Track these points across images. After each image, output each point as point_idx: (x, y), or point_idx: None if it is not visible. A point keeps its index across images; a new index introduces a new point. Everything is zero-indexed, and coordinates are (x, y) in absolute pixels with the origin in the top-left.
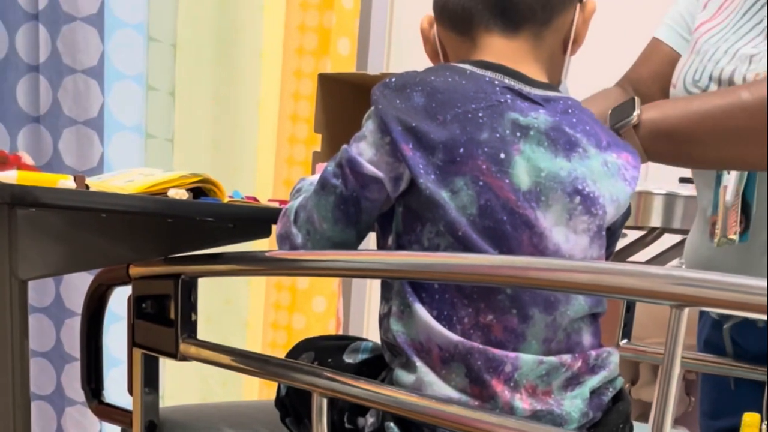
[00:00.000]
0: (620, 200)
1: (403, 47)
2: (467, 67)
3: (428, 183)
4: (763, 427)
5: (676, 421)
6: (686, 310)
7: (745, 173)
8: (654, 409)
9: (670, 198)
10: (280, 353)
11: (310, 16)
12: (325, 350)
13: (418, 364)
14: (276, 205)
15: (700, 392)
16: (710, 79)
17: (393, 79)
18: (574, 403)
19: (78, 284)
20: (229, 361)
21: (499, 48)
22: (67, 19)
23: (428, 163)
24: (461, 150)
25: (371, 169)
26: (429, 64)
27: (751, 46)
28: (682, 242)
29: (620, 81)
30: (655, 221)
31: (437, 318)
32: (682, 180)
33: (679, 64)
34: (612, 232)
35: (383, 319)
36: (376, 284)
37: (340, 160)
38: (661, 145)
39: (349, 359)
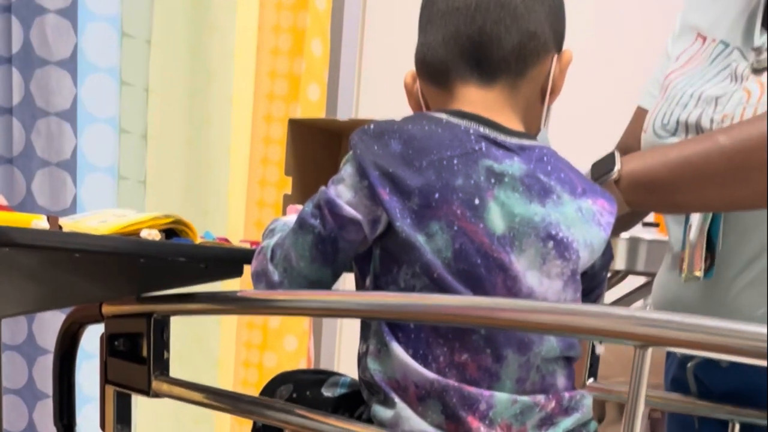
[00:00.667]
0: (594, 245)
1: (372, 93)
2: (443, 116)
3: (404, 226)
4: None
5: None
6: (650, 350)
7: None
8: None
9: (634, 241)
10: (252, 391)
11: (281, 63)
12: (303, 384)
13: (396, 400)
14: (248, 245)
15: (666, 430)
16: (678, 122)
17: (371, 126)
18: None
19: (51, 322)
20: (201, 398)
21: (475, 98)
22: (40, 62)
23: (404, 207)
24: (436, 195)
25: (350, 210)
26: (397, 108)
27: (716, 88)
28: (645, 284)
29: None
30: (620, 264)
31: (413, 356)
32: (646, 224)
33: (650, 110)
34: (593, 276)
35: (361, 358)
36: (346, 324)
37: (319, 201)
38: (643, 196)
39: (327, 393)
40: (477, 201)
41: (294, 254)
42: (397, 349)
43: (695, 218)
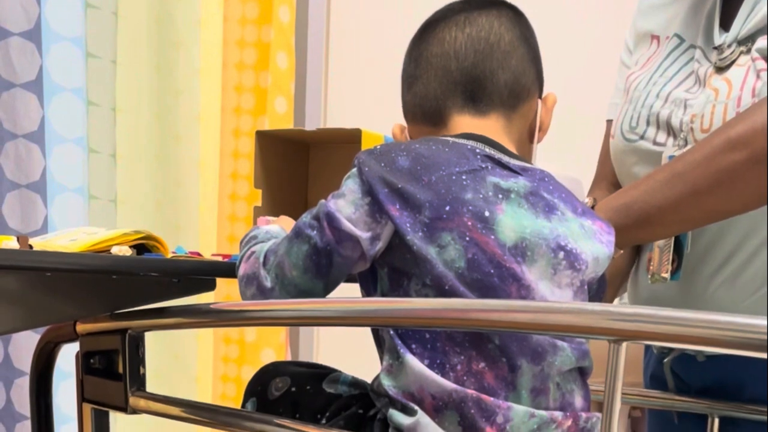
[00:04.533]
0: (600, 258)
1: (340, 104)
2: (449, 138)
3: (416, 240)
4: None
5: None
6: (624, 345)
7: None
8: None
9: None
10: (231, 405)
11: (246, 77)
12: (301, 377)
13: (416, 407)
14: (219, 259)
15: (647, 428)
16: (647, 123)
17: (378, 147)
18: None
19: (26, 344)
20: (179, 412)
21: (472, 124)
22: (6, 85)
23: (415, 221)
24: (447, 208)
25: (349, 226)
26: (365, 119)
27: (683, 90)
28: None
29: (595, 181)
30: None
31: (430, 366)
32: None
33: (616, 116)
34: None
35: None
36: (323, 335)
37: (318, 213)
38: (617, 219)
39: (329, 389)
40: (487, 213)
41: (287, 262)
42: (413, 361)
43: None
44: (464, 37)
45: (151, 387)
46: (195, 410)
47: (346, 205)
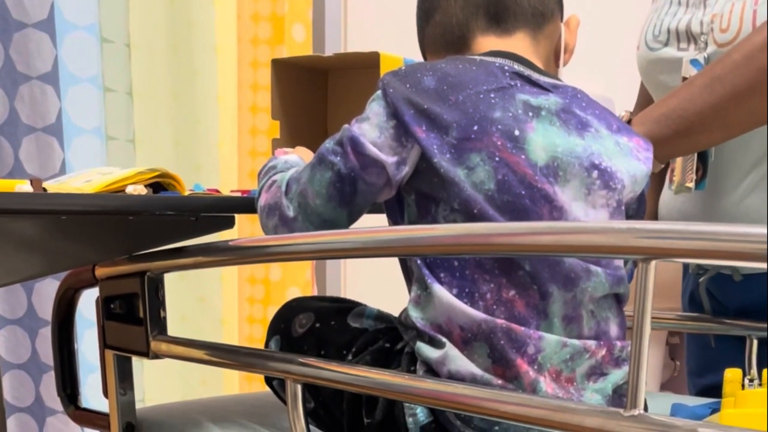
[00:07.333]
0: (637, 177)
1: (361, 29)
2: (476, 56)
3: (443, 162)
4: (745, 382)
5: (663, 387)
6: (653, 264)
7: None
8: (630, 366)
9: None
10: (257, 347)
11: (263, 5)
12: (325, 312)
13: (445, 339)
14: (238, 194)
15: (686, 352)
16: (668, 31)
17: (403, 68)
18: (594, 398)
19: (50, 293)
20: (201, 355)
21: (498, 44)
22: (18, 26)
23: (443, 142)
24: (475, 127)
25: (374, 150)
26: (388, 44)
27: None
28: None
29: (635, 109)
30: None
31: (458, 296)
32: None
33: (641, 27)
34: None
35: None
36: (350, 271)
37: (341, 138)
38: (657, 129)
39: (354, 323)
40: (517, 132)
41: (310, 190)
42: (441, 291)
43: None
44: None
45: (177, 331)
46: (216, 352)
47: (370, 128)
